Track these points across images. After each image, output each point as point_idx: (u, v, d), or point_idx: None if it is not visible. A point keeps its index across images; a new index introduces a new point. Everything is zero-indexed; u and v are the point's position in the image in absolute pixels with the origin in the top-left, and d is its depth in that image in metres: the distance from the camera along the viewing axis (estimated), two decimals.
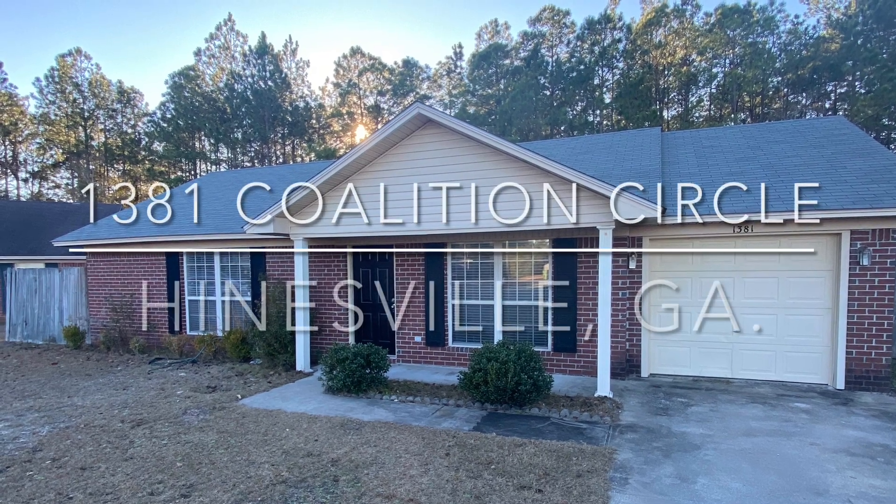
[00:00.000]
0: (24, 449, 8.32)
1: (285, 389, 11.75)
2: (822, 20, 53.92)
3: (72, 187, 67.15)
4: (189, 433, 8.89)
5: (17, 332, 20.18)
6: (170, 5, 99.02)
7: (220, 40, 69.04)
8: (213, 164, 68.96)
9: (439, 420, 9.38)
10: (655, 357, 12.42)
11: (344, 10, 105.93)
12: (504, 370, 9.40)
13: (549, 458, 7.51)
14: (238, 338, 14.72)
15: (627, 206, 9.78)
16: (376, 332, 14.62)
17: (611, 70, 62.27)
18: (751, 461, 7.39)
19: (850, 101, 48.31)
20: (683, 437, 8.38)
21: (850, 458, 7.48)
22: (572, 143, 18.10)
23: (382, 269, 14.39)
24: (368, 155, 11.90)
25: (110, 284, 17.90)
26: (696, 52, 56.41)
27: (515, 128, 57.33)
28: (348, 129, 71.73)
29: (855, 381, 10.92)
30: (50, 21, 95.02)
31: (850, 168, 12.07)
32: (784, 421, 9.08)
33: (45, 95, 64.38)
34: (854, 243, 10.77)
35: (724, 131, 16.99)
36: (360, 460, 7.55)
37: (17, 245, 31.24)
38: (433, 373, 12.97)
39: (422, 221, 11.68)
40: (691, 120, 57.45)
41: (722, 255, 11.82)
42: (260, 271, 15.31)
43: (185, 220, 17.01)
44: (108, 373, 14.01)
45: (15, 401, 11.35)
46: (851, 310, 10.86)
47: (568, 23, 64.63)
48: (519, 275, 13.08)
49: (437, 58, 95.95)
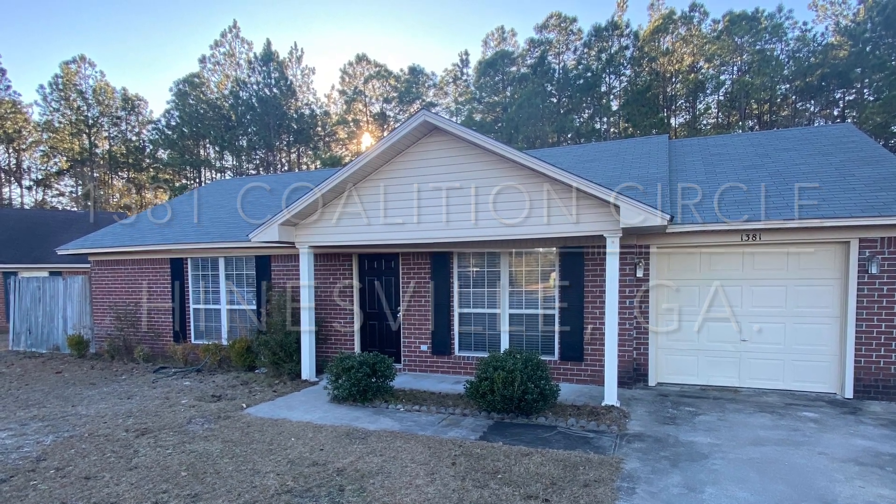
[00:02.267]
0: (27, 458, 8.28)
1: (290, 398, 11.71)
2: (830, 27, 54.00)
3: (76, 195, 67.26)
4: (194, 442, 8.86)
5: (21, 340, 20.16)
6: (174, 12, 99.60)
7: (224, 47, 69.27)
8: (217, 172, 68.99)
9: (445, 429, 9.32)
10: (663, 366, 12.36)
11: (349, 17, 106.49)
12: (510, 379, 9.35)
13: (556, 467, 7.45)
14: (243, 346, 14.67)
15: (634, 213, 9.72)
16: (382, 341, 14.56)
17: (618, 77, 62.18)
18: (759, 470, 7.32)
19: (859, 108, 48.22)
20: (691, 446, 8.31)
21: (858, 467, 7.41)
22: (579, 151, 18.06)
23: (388, 278, 14.35)
24: (374, 163, 11.87)
25: (114, 293, 17.88)
26: (704, 59, 56.39)
27: (522, 135, 57.25)
28: (354, 137, 71.78)
29: (863, 390, 10.84)
30: (54, 28, 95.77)
31: (859, 176, 12.02)
32: (792, 430, 9.01)
33: (48, 103, 64.51)
34: (862, 251, 10.70)
35: (732, 139, 16.94)
36: (366, 470, 7.50)
37: (20, 253, 31.18)
38: (439, 381, 12.92)
39: (428, 230, 11.67)
40: (699, 127, 57.40)
41: (730, 264, 11.76)
42: (265, 279, 15.30)
43: (189, 229, 17.04)
44: (112, 382, 13.98)
45: (19, 410, 11.32)
46: (860, 318, 10.79)
47: (575, 30, 64.68)
48: (525, 283, 13.03)
49: (444, 65, 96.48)
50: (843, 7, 53.77)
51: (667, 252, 12.16)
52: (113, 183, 69.41)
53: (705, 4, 58.60)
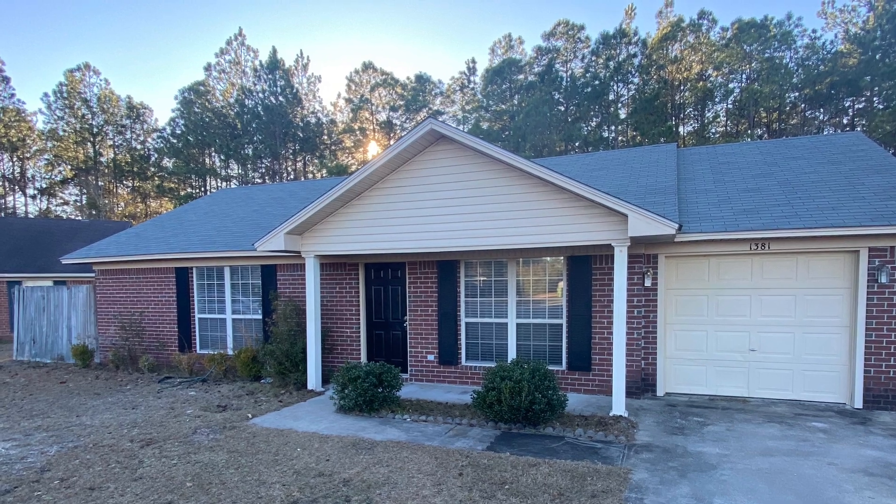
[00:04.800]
0: (32, 469, 8.25)
1: (296, 409, 11.66)
2: (839, 35, 53.90)
3: (80, 204, 67.32)
4: (199, 453, 8.81)
5: (25, 350, 20.15)
6: (179, 20, 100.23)
7: (230, 55, 69.47)
8: (223, 181, 69.09)
9: (452, 440, 9.27)
10: (671, 376, 12.28)
11: (356, 25, 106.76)
12: (518, 389, 9.29)
13: (564, 478, 7.39)
14: (248, 356, 14.62)
15: (642, 222, 9.66)
16: (388, 351, 14.51)
17: (626, 85, 62.20)
18: (767, 481, 7.25)
19: (869, 116, 48.22)
20: (699, 456, 8.25)
21: (868, 478, 7.34)
22: (587, 160, 18.04)
23: (395, 287, 14.31)
24: (380, 171, 11.86)
25: (119, 302, 17.86)
26: (713, 67, 56.30)
27: (529, 144, 57.27)
28: (360, 145, 71.76)
29: (873, 400, 10.75)
30: (58, 36, 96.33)
31: (869, 184, 11.96)
32: (801, 440, 8.94)
33: (53, 111, 64.78)
34: (872, 260, 10.62)
35: (741, 147, 16.90)
36: (373, 480, 7.45)
37: (25, 263, 31.17)
38: (446, 391, 12.86)
39: (434, 239, 11.64)
40: (707, 136, 57.33)
41: (739, 273, 11.70)
42: (271, 288, 15.25)
43: (194, 238, 17.03)
44: (117, 392, 13.95)
45: (23, 420, 11.29)
46: (869, 328, 10.70)
47: (582, 37, 64.73)
48: (533, 292, 12.97)
49: (451, 73, 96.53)
50: (852, 15, 53.77)
51: (675, 261, 12.10)
52: (118, 192, 69.52)
53: (714, 12, 58.95)
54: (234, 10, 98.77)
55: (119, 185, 69.77)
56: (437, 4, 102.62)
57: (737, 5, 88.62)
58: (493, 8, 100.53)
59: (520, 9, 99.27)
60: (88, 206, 64.98)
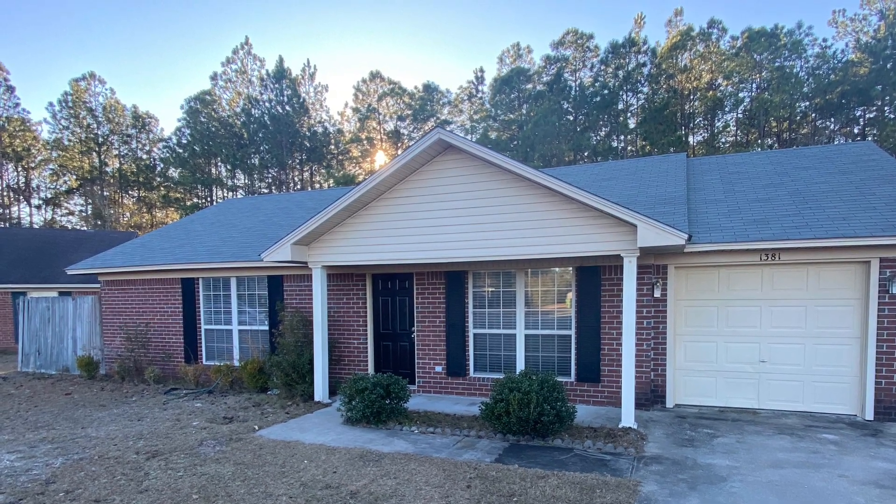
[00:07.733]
0: (37, 481, 8.20)
1: (303, 420, 11.61)
2: (850, 44, 53.70)
3: (85, 214, 67.43)
4: (205, 465, 8.76)
5: (30, 361, 20.09)
6: (185, 29, 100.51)
7: (236, 64, 69.40)
8: (229, 191, 69.22)
9: (460, 451, 9.20)
10: (681, 387, 12.19)
11: (363, 34, 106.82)
12: (526, 401, 9.23)
13: (573, 490, 7.32)
14: (255, 368, 14.57)
15: (652, 233, 9.61)
16: (396, 362, 14.45)
17: (635, 94, 62.08)
18: (778, 494, 7.19)
19: (880, 126, 48.12)
20: (709, 468, 8.18)
21: (879, 490, 7.28)
22: (596, 170, 18.00)
23: (402, 298, 14.26)
24: (388, 181, 11.83)
25: (125, 313, 17.83)
26: (723, 77, 56.03)
27: (538, 153, 57.20)
28: (368, 155, 71.51)
29: (884, 411, 10.65)
30: (63, 45, 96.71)
31: (879, 194, 11.89)
32: (812, 452, 8.86)
33: (58, 120, 64.77)
34: (883, 271, 10.54)
35: (751, 157, 16.87)
36: (380, 493, 7.39)
37: (29, 273, 31.10)
38: (454, 403, 12.79)
39: (442, 249, 11.60)
40: (717, 145, 57.16)
41: (749, 284, 11.63)
42: (278, 299, 15.21)
43: (201, 248, 17.00)
44: (122, 403, 13.91)
45: (28, 432, 11.26)
46: (881, 339, 10.61)
47: (591, 46, 64.54)
48: (542, 303, 12.91)
49: (458, 82, 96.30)
50: (863, 24, 53.57)
51: (685, 272, 12.03)
52: (123, 202, 69.64)
53: (724, 21, 58.42)
54: (240, 18, 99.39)
55: (125, 196, 69.89)
56: (445, 13, 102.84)
57: (747, 14, 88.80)
58: (501, 17, 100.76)
59: (528, 18, 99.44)
60: (94, 216, 65.09)
